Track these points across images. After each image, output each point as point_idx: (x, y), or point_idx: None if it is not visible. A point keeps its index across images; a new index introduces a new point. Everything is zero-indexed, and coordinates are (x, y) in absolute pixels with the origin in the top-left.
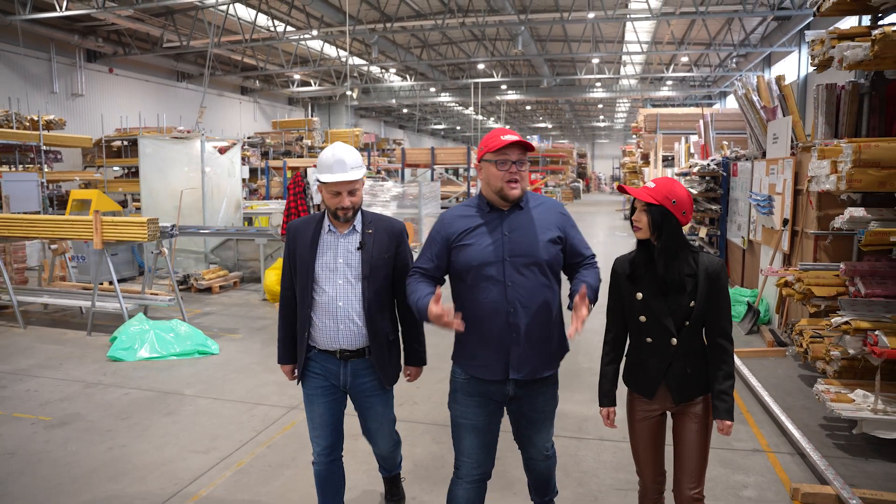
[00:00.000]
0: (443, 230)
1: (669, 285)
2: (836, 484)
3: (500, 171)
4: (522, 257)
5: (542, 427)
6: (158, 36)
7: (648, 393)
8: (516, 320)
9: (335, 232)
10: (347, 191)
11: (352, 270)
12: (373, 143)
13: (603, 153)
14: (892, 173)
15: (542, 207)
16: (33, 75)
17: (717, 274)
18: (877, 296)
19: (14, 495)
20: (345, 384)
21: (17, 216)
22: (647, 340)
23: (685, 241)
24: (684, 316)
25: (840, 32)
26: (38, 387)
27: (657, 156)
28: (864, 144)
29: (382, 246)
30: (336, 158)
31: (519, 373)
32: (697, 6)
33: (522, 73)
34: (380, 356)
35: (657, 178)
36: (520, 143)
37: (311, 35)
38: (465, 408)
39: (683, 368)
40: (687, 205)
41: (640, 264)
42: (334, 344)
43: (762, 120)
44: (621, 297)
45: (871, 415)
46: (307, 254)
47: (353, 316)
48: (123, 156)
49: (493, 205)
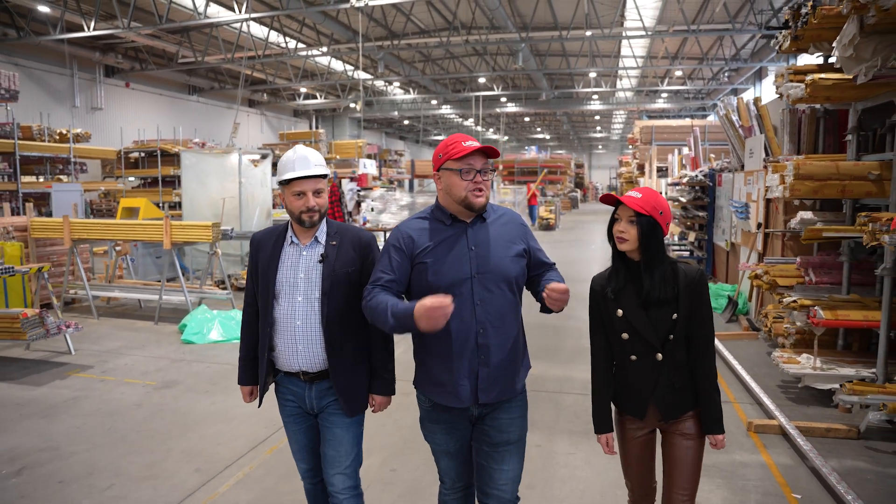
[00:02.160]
0: (404, 245)
1: (654, 299)
2: (781, 418)
3: (465, 180)
4: (490, 274)
5: (505, 457)
6: (174, 52)
7: (639, 413)
8: (486, 341)
9: (297, 244)
10: (312, 190)
11: (312, 286)
12: (376, 154)
13: (600, 163)
14: (823, 184)
15: (503, 219)
16: (57, 90)
17: (697, 282)
18: (824, 283)
19: (155, 430)
20: (311, 407)
21: (97, 221)
22: (631, 358)
23: (665, 251)
24: (668, 329)
25: (795, 69)
26: (134, 362)
27: (651, 166)
28: (802, 162)
29: (347, 259)
30: (298, 156)
31: (487, 396)
32: (689, 24)
33: (522, 86)
34: (343, 380)
35: (640, 187)
36: (482, 150)
37: (321, 51)
38: (434, 434)
39: (671, 384)
40: (669, 216)
41: (619, 279)
42: (294, 365)
43: (740, 137)
44: (601, 317)
45: (811, 371)
46: (268, 267)
47: (313, 335)
48: (140, 167)
49: (455, 216)
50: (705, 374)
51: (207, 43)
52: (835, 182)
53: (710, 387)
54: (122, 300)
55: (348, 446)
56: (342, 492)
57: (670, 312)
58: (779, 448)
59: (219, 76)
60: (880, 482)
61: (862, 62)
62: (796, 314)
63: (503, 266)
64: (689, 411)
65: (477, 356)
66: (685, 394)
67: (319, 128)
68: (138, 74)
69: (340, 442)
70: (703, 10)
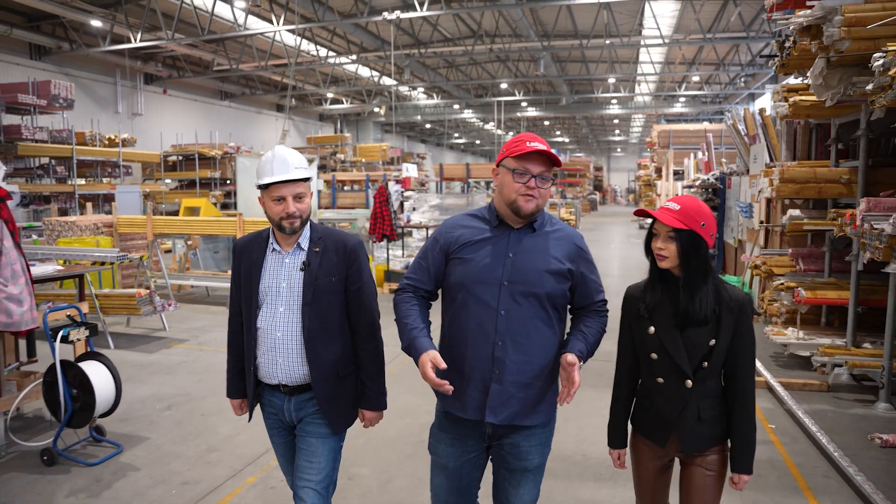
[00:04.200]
0: (442, 238)
1: (692, 320)
2: (767, 375)
3: (518, 182)
4: (522, 284)
5: (521, 482)
6: (210, 60)
7: (660, 440)
8: (503, 355)
9: (279, 250)
10: (293, 195)
11: (294, 295)
12: (399, 158)
13: (618, 166)
14: (803, 186)
15: (557, 234)
16: (101, 98)
17: (742, 308)
18: (811, 270)
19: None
20: (290, 420)
21: (177, 218)
22: (657, 381)
23: (711, 268)
24: (703, 355)
25: (789, 87)
26: (221, 336)
27: (668, 170)
28: (786, 168)
29: (330, 266)
30: (277, 158)
31: (496, 416)
32: (705, 33)
33: (542, 91)
34: (324, 394)
35: (679, 196)
36: (546, 155)
37: (351, 59)
38: (438, 443)
39: (697, 415)
40: (714, 225)
41: (655, 295)
42: (273, 378)
43: (746, 144)
44: (631, 331)
45: (795, 341)
46: (250, 276)
47: (294, 347)
48: (178, 170)
49: (503, 219)
50: (742, 408)
51: (242, 52)
52: (812, 185)
53: (746, 423)
54: (190, 288)
55: (323, 460)
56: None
57: (708, 337)
58: (763, 397)
59: (250, 82)
60: (837, 418)
61: (830, 89)
62: (784, 294)
63: (537, 279)
64: (715, 446)
65: (491, 369)
66: (712, 427)
67: (345, 131)
68: (175, 81)
69: (314, 453)
70: (718, 18)
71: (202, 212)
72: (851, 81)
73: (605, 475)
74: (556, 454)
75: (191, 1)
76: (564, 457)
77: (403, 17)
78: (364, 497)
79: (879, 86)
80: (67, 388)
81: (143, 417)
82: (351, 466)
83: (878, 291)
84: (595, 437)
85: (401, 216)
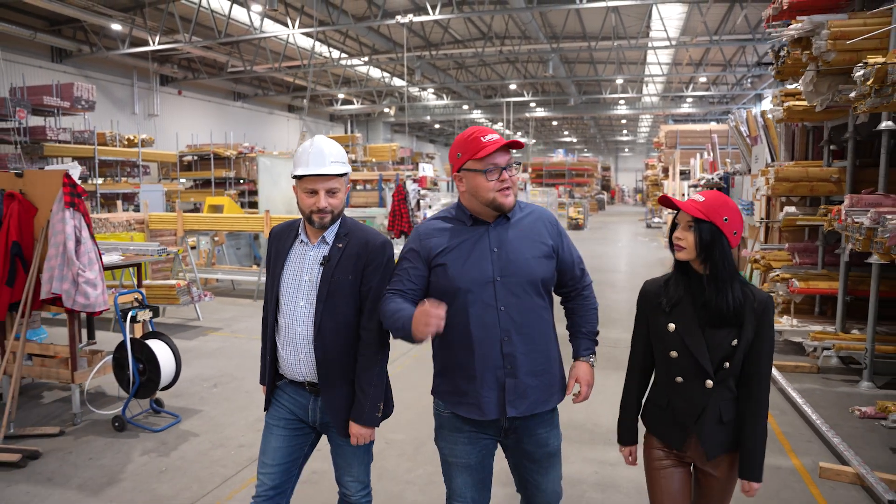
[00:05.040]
0: (420, 247)
1: (715, 319)
2: None
3: (491, 181)
4: (515, 276)
5: (548, 467)
6: (224, 62)
7: (678, 443)
8: (511, 350)
9: (306, 242)
10: (326, 189)
11: (314, 289)
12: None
13: (626, 166)
14: (797, 185)
15: (530, 217)
16: (118, 99)
17: (764, 309)
18: (806, 263)
19: None
20: (314, 421)
21: (206, 215)
22: (676, 380)
23: (735, 267)
24: (724, 355)
25: (786, 91)
26: (253, 325)
27: (675, 169)
28: (780, 168)
29: (349, 264)
30: (315, 150)
31: (516, 409)
32: (712, 35)
33: (551, 91)
34: (332, 395)
35: (708, 191)
36: (505, 145)
37: (363, 61)
38: (454, 445)
39: (718, 417)
40: (739, 224)
41: (677, 290)
42: (297, 375)
43: (748, 145)
44: (649, 326)
45: (789, 328)
46: (275, 266)
47: (313, 344)
48: (193, 169)
49: (477, 217)
50: (755, 412)
51: (256, 53)
52: (805, 183)
53: (757, 428)
54: (216, 282)
55: (360, 456)
56: (354, 494)
57: (730, 337)
58: None
59: (262, 83)
60: (824, 394)
61: (819, 95)
62: (779, 285)
63: (529, 268)
64: (733, 450)
65: (503, 366)
66: (732, 430)
67: (355, 132)
68: (190, 83)
69: (353, 454)
70: (725, 20)
71: (225, 209)
72: (838, 89)
73: (613, 440)
74: (568, 423)
75: (208, 4)
76: (577, 425)
77: (416, 20)
78: (400, 457)
79: (861, 94)
80: (136, 363)
81: (194, 394)
82: (388, 433)
83: (865, 282)
84: (602, 410)
85: (417, 213)
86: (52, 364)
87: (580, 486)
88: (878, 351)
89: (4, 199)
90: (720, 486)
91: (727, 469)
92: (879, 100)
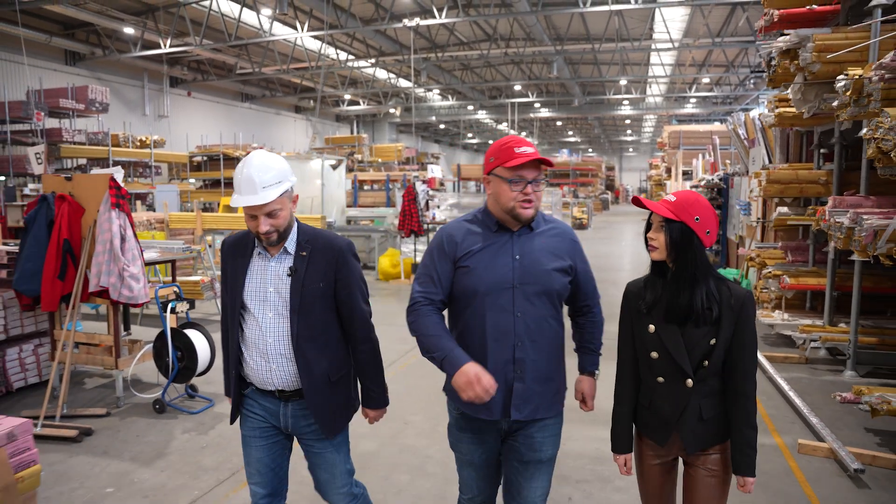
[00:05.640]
0: (447, 247)
1: (686, 317)
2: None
3: (514, 191)
4: (533, 285)
5: (535, 474)
6: (233, 64)
7: (661, 439)
8: (523, 355)
9: (265, 255)
10: (264, 213)
11: (282, 301)
12: (414, 157)
13: (630, 166)
14: (787, 186)
15: (553, 232)
16: (130, 100)
17: (742, 306)
18: (798, 261)
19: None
20: (286, 426)
21: (224, 214)
22: (658, 380)
23: (709, 265)
24: (703, 354)
25: (779, 97)
26: None
27: (677, 170)
28: (771, 171)
29: (318, 272)
30: (245, 177)
31: (520, 412)
32: (714, 37)
33: (555, 92)
34: (316, 401)
35: (679, 191)
36: (537, 160)
37: (370, 63)
38: (460, 443)
39: (698, 414)
40: (711, 222)
41: (654, 290)
42: (268, 384)
43: (746, 147)
44: (633, 327)
45: (780, 321)
46: (236, 279)
47: (286, 353)
48: (202, 170)
49: (502, 224)
50: (741, 408)
51: (264, 56)
52: (795, 185)
53: (745, 424)
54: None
55: (341, 466)
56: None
57: (709, 336)
58: None
59: (270, 84)
60: (809, 382)
61: (807, 102)
62: (771, 281)
63: (546, 279)
64: (717, 445)
65: (513, 370)
66: (714, 426)
67: (360, 132)
68: (199, 84)
69: (333, 464)
70: (727, 23)
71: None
72: (823, 97)
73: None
74: (568, 405)
75: (218, 8)
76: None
77: (423, 23)
78: (418, 436)
79: (842, 103)
80: (175, 351)
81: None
82: (406, 415)
83: (851, 278)
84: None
85: (426, 213)
86: (97, 352)
87: (582, 460)
88: (861, 342)
89: (56, 201)
90: (714, 482)
91: (718, 464)
92: (858, 109)
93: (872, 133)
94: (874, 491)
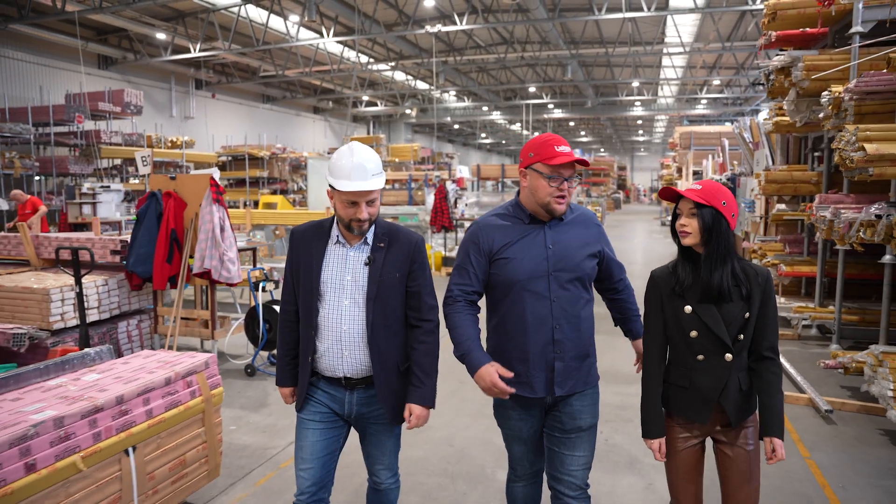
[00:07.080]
0: (482, 241)
1: (719, 295)
2: None
3: (552, 187)
4: (566, 272)
5: (577, 444)
6: (256, 67)
7: (702, 417)
8: (561, 336)
9: (344, 243)
10: (366, 200)
11: (359, 289)
12: (429, 157)
13: (642, 166)
14: (783, 185)
15: (580, 218)
16: (158, 103)
17: (767, 279)
18: (795, 252)
19: None
20: (349, 413)
21: (271, 210)
22: (698, 359)
23: (734, 246)
24: (738, 328)
25: (779, 106)
26: None
27: (688, 170)
28: (769, 172)
29: (395, 263)
30: (356, 163)
31: (562, 388)
32: (724, 41)
33: (569, 94)
34: (387, 389)
35: (702, 180)
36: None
37: (390, 66)
38: (506, 419)
39: (738, 386)
40: (735, 207)
41: (686, 274)
42: (337, 371)
43: (751, 150)
44: (663, 314)
45: (778, 305)
46: (312, 267)
47: (360, 341)
48: (228, 169)
49: (534, 216)
50: (772, 374)
51: (287, 59)
52: (790, 185)
53: (776, 389)
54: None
55: (392, 446)
56: (385, 481)
57: (743, 311)
58: None
59: (290, 86)
60: (800, 353)
61: (800, 113)
62: (771, 270)
63: (579, 264)
64: (750, 416)
65: (553, 350)
66: (751, 397)
67: (377, 132)
68: (223, 86)
69: (385, 444)
70: (737, 27)
71: (279, 206)
72: (813, 109)
73: (632, 380)
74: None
75: (246, 14)
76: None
77: (444, 30)
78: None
79: (826, 115)
80: (265, 323)
81: None
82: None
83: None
84: (622, 361)
85: (455, 210)
86: (195, 325)
87: (608, 407)
88: (844, 320)
89: (164, 197)
90: (752, 455)
91: (752, 437)
92: (838, 121)
93: (837, 144)
94: (839, 426)
